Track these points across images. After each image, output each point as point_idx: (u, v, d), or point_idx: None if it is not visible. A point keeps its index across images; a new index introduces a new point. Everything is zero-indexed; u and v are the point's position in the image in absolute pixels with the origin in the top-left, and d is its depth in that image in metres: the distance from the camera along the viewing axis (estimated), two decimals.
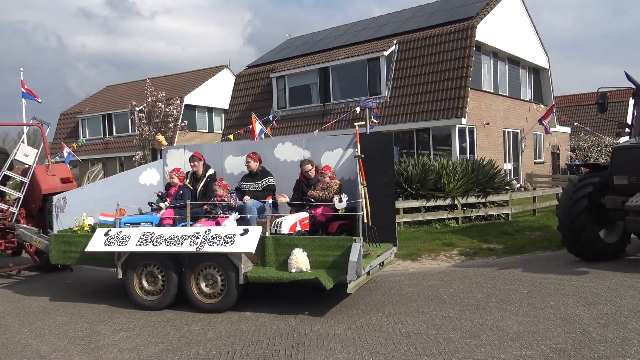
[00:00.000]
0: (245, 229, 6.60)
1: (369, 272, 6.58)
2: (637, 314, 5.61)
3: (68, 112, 41.16)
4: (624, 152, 8.31)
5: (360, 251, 6.05)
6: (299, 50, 28.68)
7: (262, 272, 6.43)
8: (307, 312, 6.37)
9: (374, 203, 7.51)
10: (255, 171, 8.09)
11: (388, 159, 7.75)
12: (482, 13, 21.92)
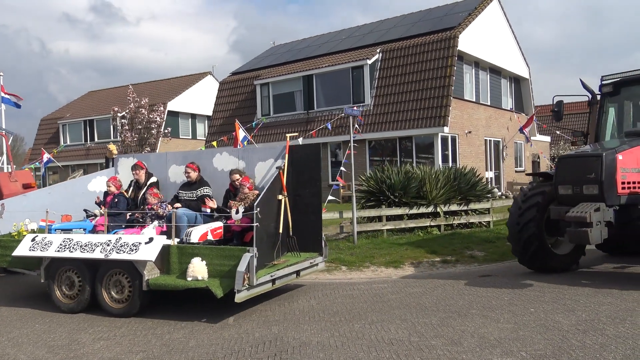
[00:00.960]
0: (151, 238, 6.92)
1: (274, 281, 6.91)
2: (614, 320, 5.71)
3: (48, 117, 40.66)
4: (568, 162, 8.08)
5: (252, 262, 6.32)
6: (283, 57, 28.75)
7: (162, 280, 6.73)
8: (290, 320, 6.35)
9: (303, 213, 7.87)
10: (194, 180, 8.34)
11: (315, 170, 8.06)
12: (464, 23, 22.22)
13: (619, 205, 7.51)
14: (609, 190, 7.40)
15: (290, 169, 7.83)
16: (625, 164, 7.55)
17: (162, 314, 6.90)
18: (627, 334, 5.22)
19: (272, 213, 7.34)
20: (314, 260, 7.85)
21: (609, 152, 7.56)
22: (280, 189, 7.51)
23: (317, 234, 7.96)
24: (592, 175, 7.47)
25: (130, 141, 26.41)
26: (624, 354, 4.68)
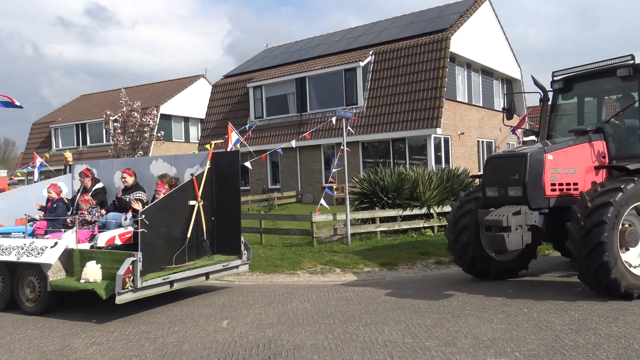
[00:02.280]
0: (56, 242, 7.48)
1: (171, 283, 7.31)
2: (607, 319, 5.73)
3: (41, 121, 40.45)
4: (495, 162, 7.72)
5: (136, 265, 6.74)
6: (276, 60, 28.75)
7: (61, 282, 7.25)
8: (284, 323, 6.35)
9: (225, 217, 8.32)
10: (130, 185, 8.74)
11: (235, 177, 8.45)
12: (456, 25, 22.32)
13: (548, 208, 7.13)
14: (534, 192, 6.98)
15: (214, 176, 8.33)
16: (556, 164, 7.17)
17: (157, 317, 6.87)
18: (620, 333, 5.25)
19: (179, 218, 7.79)
20: (228, 263, 8.15)
21: (536, 151, 7.14)
22: (194, 194, 7.95)
23: (236, 237, 8.31)
24: (516, 177, 7.06)
25: (123, 145, 26.32)
26: (617, 353, 4.71)
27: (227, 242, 8.33)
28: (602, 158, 7.61)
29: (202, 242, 8.08)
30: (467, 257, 8.06)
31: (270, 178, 26.20)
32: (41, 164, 20.04)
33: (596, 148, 7.57)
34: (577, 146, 7.45)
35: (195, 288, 8.96)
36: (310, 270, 10.00)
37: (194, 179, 8.07)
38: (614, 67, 7.75)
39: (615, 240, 6.44)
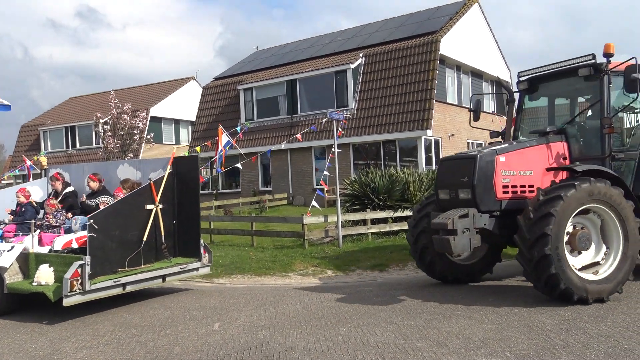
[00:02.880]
0: (13, 246, 7.69)
1: (124, 285, 7.52)
2: (596, 319, 5.78)
3: (29, 124, 40.13)
4: (447, 164, 7.62)
5: (84, 269, 6.97)
6: (267, 62, 28.74)
7: (16, 284, 7.49)
8: (275, 325, 6.34)
9: (185, 221, 8.55)
10: (95, 190, 8.99)
11: (194, 181, 8.67)
12: (445, 27, 22.44)
13: (500, 210, 6.98)
14: (484, 195, 6.85)
15: (175, 180, 8.59)
16: (509, 166, 7.01)
17: (147, 320, 6.83)
18: (609, 332, 5.29)
19: (134, 222, 7.98)
20: (186, 266, 8.36)
21: (487, 153, 7.00)
22: (152, 199, 8.17)
23: (196, 240, 8.53)
24: (465, 179, 6.95)
25: (113, 147, 26.17)
26: (606, 352, 4.75)
27: (187, 245, 8.56)
28: (563, 159, 7.44)
29: (160, 245, 8.26)
30: (426, 260, 7.97)
31: (261, 180, 26.16)
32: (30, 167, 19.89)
33: (555, 149, 7.42)
34: (533, 148, 7.31)
35: (186, 291, 8.93)
36: (302, 272, 9.99)
37: (151, 183, 8.29)
38: (576, 67, 7.61)
39: (561, 249, 6.28)
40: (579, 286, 6.29)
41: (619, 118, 7.92)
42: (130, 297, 8.52)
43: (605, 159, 7.29)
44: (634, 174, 7.54)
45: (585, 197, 6.47)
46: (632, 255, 6.65)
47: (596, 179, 6.60)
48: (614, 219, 6.69)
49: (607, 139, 7.29)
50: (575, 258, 6.66)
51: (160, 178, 8.45)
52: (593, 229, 6.85)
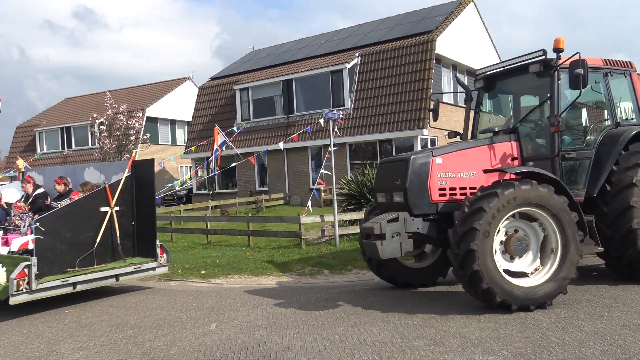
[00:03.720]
0: None
1: (74, 285, 7.89)
2: (592, 317, 5.80)
3: (24, 125, 39.98)
4: (384, 167, 7.43)
5: (31, 269, 7.30)
6: (263, 62, 28.73)
7: None
8: (272, 324, 6.33)
9: (143, 222, 8.92)
10: (62, 192, 9.36)
11: (150, 184, 8.98)
12: (441, 27, 22.48)
13: (437, 213, 6.75)
14: (417, 198, 6.64)
15: (134, 183, 8.95)
16: (446, 168, 6.79)
17: (144, 321, 6.82)
18: (605, 330, 5.31)
19: (87, 224, 8.32)
20: (141, 266, 8.69)
21: (421, 155, 6.80)
22: (107, 201, 8.54)
23: (152, 241, 8.85)
24: (398, 182, 6.76)
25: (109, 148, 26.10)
26: (602, 350, 4.77)
27: (145, 245, 8.92)
28: (513, 160, 7.21)
29: (116, 246, 8.61)
30: (374, 263, 7.80)
31: (257, 180, 26.15)
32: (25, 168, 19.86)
33: (501, 150, 7.17)
34: (475, 149, 7.07)
35: (183, 291, 8.92)
36: (299, 272, 9.99)
37: (106, 186, 8.66)
38: (527, 63, 7.39)
39: (489, 248, 6.03)
40: (504, 289, 6.01)
41: (576, 115, 7.74)
42: (126, 299, 8.52)
43: (554, 158, 7.06)
44: (589, 174, 7.25)
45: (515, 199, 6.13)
46: (570, 259, 6.28)
47: (521, 181, 6.27)
48: (549, 220, 6.34)
49: (556, 138, 7.03)
50: (510, 262, 6.38)
51: (117, 181, 8.78)
52: (534, 237, 6.50)
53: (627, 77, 7.91)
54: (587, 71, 6.46)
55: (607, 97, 7.64)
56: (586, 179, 7.26)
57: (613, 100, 7.64)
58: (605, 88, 7.66)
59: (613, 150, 7.18)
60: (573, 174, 7.33)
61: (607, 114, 7.70)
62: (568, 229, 6.32)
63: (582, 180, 7.28)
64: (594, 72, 7.43)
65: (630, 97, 7.94)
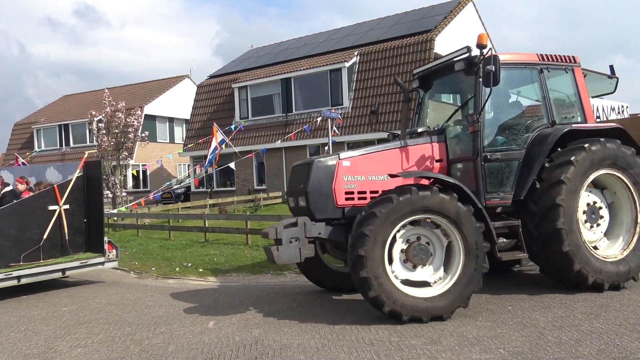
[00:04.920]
0: None
1: (18, 278, 8.51)
2: (589, 316, 5.82)
3: (22, 122, 39.91)
4: (294, 170, 7.21)
5: None
6: (261, 60, 28.72)
7: None
8: (270, 322, 6.34)
9: (92, 220, 9.70)
10: (22, 191, 9.85)
11: (98, 184, 9.95)
12: (440, 26, 22.50)
13: (344, 218, 6.51)
14: (321, 202, 6.46)
15: (85, 182, 9.71)
16: (354, 171, 6.59)
17: (142, 318, 6.82)
18: (602, 329, 5.33)
19: (34, 221, 9.06)
20: (87, 261, 9.35)
21: (326, 158, 6.63)
22: (55, 200, 9.27)
23: (100, 237, 9.64)
24: (301, 186, 6.60)
25: (107, 145, 26.06)
26: (599, 349, 4.79)
27: (95, 241, 9.66)
28: (436, 162, 6.99)
29: (65, 242, 9.32)
30: (302, 266, 7.67)
31: (256, 179, 26.15)
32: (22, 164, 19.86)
33: (419, 152, 6.94)
34: (387, 151, 6.85)
35: (181, 289, 8.92)
36: (297, 270, 9.98)
37: (55, 186, 9.35)
38: (453, 61, 7.17)
39: (380, 255, 5.80)
40: (393, 298, 5.78)
41: (509, 114, 7.41)
42: (124, 296, 8.53)
43: (476, 160, 6.74)
44: (517, 175, 6.88)
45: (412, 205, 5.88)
46: (473, 270, 5.99)
47: (420, 186, 6.01)
48: (451, 228, 6.05)
49: (477, 138, 6.71)
50: (411, 271, 6.13)
51: (67, 181, 9.50)
52: (439, 245, 6.20)
53: (569, 72, 7.49)
54: (499, 68, 6.21)
55: (543, 95, 7.23)
56: (514, 181, 6.88)
57: (549, 97, 7.22)
58: (540, 85, 7.25)
59: (542, 150, 6.82)
60: (499, 176, 6.90)
61: (543, 113, 7.27)
62: (470, 238, 5.99)
63: (509, 183, 6.89)
64: (526, 68, 7.19)
65: (572, 94, 7.54)
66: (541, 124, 7.24)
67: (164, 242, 14.78)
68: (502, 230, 6.65)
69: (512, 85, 7.56)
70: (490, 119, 7.18)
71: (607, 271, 6.74)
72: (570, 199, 6.65)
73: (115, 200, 22.57)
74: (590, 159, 6.81)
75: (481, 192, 6.73)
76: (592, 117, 7.56)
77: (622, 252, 7.01)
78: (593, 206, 7.09)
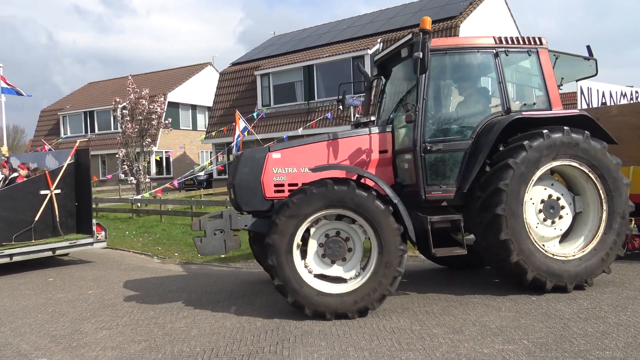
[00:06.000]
0: None
1: (11, 256, 9.34)
2: (616, 308, 5.71)
3: (49, 109, 40.62)
4: (232, 163, 7.19)
5: None
6: (284, 48, 28.64)
7: None
8: (292, 309, 6.37)
9: (82, 203, 10.60)
10: (24, 177, 10.53)
11: (87, 171, 10.62)
12: (465, 12, 22.10)
13: (273, 210, 6.31)
14: (248, 194, 6.44)
15: (75, 168, 10.60)
16: (285, 163, 6.50)
17: (164, 303, 6.92)
18: (629, 322, 5.22)
19: (27, 205, 9.92)
20: (76, 241, 10.18)
21: (255, 151, 6.66)
22: (47, 185, 10.15)
23: (89, 220, 10.47)
24: (231, 178, 6.64)
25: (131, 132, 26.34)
26: (626, 342, 4.69)
27: (84, 224, 10.50)
28: (379, 153, 6.74)
29: (56, 224, 10.16)
30: (255, 254, 7.69)
31: None
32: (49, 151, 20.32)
33: (355, 143, 6.71)
34: (319, 143, 6.68)
35: (204, 274, 9.01)
36: None
37: (46, 173, 10.21)
38: (399, 48, 6.83)
39: (286, 246, 5.75)
40: (295, 289, 5.74)
41: (458, 102, 7.01)
42: (148, 281, 8.65)
43: (415, 151, 6.41)
44: (463, 167, 6.51)
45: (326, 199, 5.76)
46: (386, 268, 5.76)
47: (337, 180, 5.85)
48: (367, 225, 5.84)
49: (417, 128, 6.40)
50: (330, 267, 6.01)
51: (58, 168, 10.37)
52: (358, 242, 6.04)
53: (533, 55, 6.92)
54: (428, 54, 5.96)
55: (498, 80, 6.73)
56: (459, 173, 6.51)
57: (504, 83, 6.72)
58: (495, 70, 6.75)
59: (487, 140, 6.39)
60: (441, 168, 6.55)
61: (498, 100, 6.79)
62: (385, 238, 5.76)
63: (453, 175, 6.52)
64: (479, 52, 6.77)
65: (537, 78, 6.98)
66: (494, 112, 6.77)
67: (187, 228, 14.93)
68: (443, 225, 6.37)
69: (463, 72, 7.11)
70: (435, 107, 6.79)
71: (551, 270, 6.24)
72: (516, 185, 6.17)
73: (139, 187, 22.83)
74: (547, 147, 6.28)
75: (421, 185, 6.43)
76: (559, 103, 6.92)
77: (578, 253, 6.43)
78: (553, 200, 6.54)
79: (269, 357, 4.76)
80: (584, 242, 6.57)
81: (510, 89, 6.94)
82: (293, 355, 4.77)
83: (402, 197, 6.23)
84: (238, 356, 4.83)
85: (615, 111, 9.49)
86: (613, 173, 6.51)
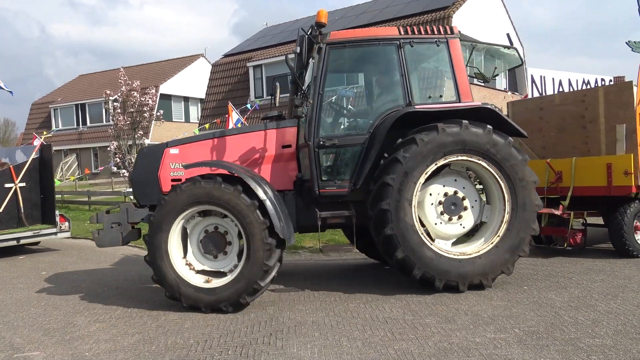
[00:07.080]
0: None
1: None
2: (606, 296, 5.77)
3: (40, 101, 40.30)
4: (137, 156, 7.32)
5: None
6: (276, 39, 28.50)
7: None
8: (285, 300, 6.39)
9: (46, 196, 11.25)
10: None
11: (49, 165, 11.37)
12: (458, 3, 22.06)
13: None
14: (145, 189, 6.62)
15: (39, 162, 11.27)
16: (182, 158, 6.60)
17: (158, 295, 6.92)
18: (619, 310, 5.28)
19: None
20: (40, 231, 10.86)
21: (154, 146, 6.79)
22: (11, 179, 10.85)
23: (52, 211, 11.12)
24: (131, 173, 6.86)
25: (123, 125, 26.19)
26: (616, 329, 4.74)
27: (49, 215, 11.14)
28: (282, 147, 6.74)
29: (21, 215, 10.89)
30: None
31: None
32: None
33: (256, 138, 6.78)
34: (218, 139, 6.80)
35: None
36: (311, 249, 10.04)
37: (10, 167, 10.89)
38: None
39: (159, 242, 5.89)
40: (172, 285, 5.92)
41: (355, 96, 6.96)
42: (142, 273, 8.64)
43: (307, 146, 6.37)
44: (359, 163, 6.41)
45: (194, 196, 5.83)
46: (254, 265, 5.74)
47: (206, 177, 5.88)
48: (235, 220, 5.87)
49: (311, 123, 6.40)
50: (212, 261, 6.15)
51: (23, 162, 11.05)
52: (235, 235, 6.09)
53: (442, 45, 6.67)
54: (306, 49, 5.94)
55: (400, 73, 6.51)
56: (355, 168, 6.43)
57: (407, 75, 6.49)
58: (397, 62, 6.53)
59: (380, 135, 6.26)
60: (336, 164, 6.54)
61: (400, 93, 6.58)
62: (250, 229, 5.71)
63: (348, 170, 6.48)
64: (380, 45, 6.59)
65: (446, 69, 6.78)
66: (395, 106, 6.56)
67: None
68: (335, 221, 6.42)
69: (364, 64, 6.98)
70: (331, 102, 6.69)
71: (442, 268, 6.07)
72: (404, 179, 6.01)
73: None
74: (442, 141, 6.06)
75: (315, 181, 6.37)
76: (468, 95, 6.67)
77: (477, 251, 6.22)
78: (455, 196, 6.35)
79: (262, 348, 4.78)
80: (484, 241, 6.32)
81: (416, 82, 6.75)
82: (287, 346, 4.79)
83: (303, 192, 6.36)
84: (232, 347, 4.84)
85: (558, 100, 9.15)
86: (517, 169, 6.17)
